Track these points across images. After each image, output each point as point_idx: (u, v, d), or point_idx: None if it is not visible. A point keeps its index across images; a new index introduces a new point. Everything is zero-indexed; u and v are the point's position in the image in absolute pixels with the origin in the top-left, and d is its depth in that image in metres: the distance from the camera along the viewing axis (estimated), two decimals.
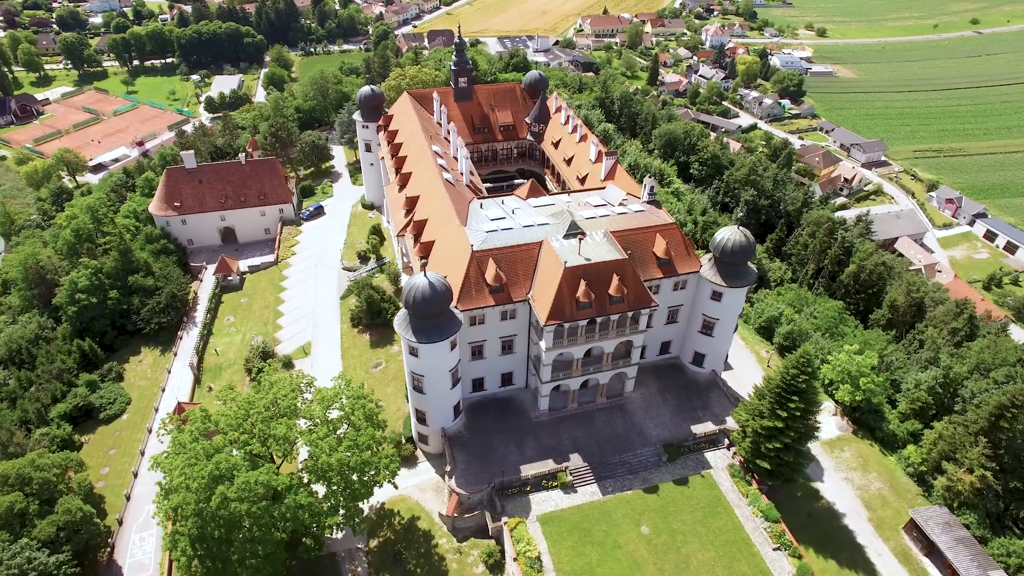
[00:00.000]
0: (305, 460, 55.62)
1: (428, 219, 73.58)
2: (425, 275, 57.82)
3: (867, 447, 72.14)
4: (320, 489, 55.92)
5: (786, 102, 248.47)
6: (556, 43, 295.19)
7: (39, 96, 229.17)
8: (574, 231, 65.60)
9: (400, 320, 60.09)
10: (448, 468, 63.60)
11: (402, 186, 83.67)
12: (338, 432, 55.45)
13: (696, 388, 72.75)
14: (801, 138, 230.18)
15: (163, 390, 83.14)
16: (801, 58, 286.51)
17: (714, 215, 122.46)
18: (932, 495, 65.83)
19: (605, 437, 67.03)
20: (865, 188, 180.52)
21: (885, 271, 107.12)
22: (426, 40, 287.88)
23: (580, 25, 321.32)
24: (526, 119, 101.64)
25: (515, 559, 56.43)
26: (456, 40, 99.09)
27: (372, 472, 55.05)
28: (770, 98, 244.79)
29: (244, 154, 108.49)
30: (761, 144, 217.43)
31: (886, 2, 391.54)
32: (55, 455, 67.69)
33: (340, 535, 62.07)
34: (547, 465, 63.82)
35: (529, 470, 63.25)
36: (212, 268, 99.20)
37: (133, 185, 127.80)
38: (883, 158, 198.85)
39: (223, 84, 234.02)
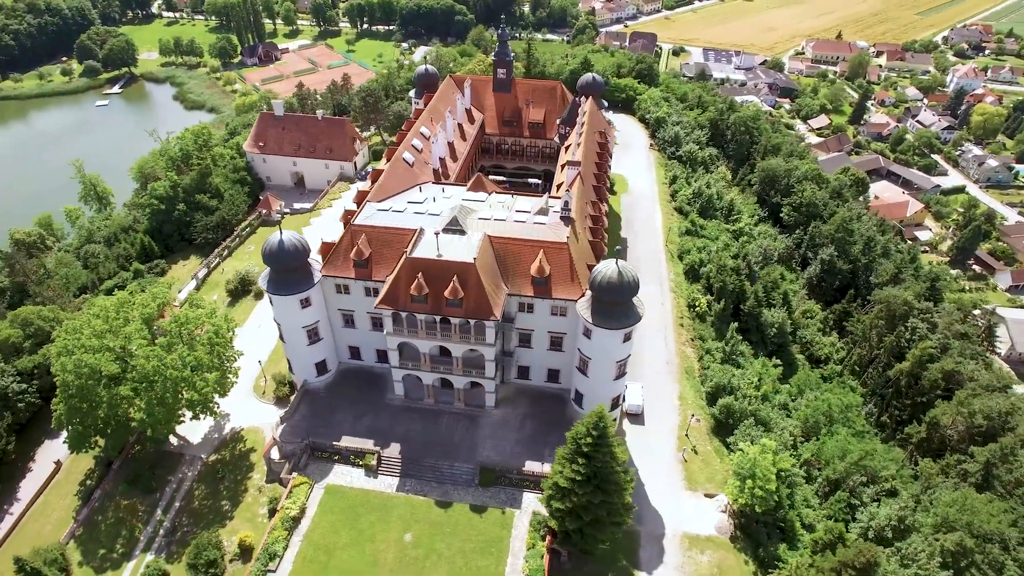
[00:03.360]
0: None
1: (368, 192, 77.25)
2: (280, 233, 62.17)
3: (737, 562, 60.73)
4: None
5: (1023, 168, 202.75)
6: (763, 63, 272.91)
7: (281, 45, 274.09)
8: (453, 227, 64.60)
9: (263, 274, 65.30)
10: (283, 414, 67.88)
11: (387, 160, 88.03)
12: (172, 347, 62.55)
13: (564, 426, 66.87)
14: (1022, 213, 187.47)
15: (179, 292, 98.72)
16: None
17: (776, 269, 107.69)
18: None
19: (436, 440, 65.75)
20: None
21: (950, 380, 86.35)
22: (627, 40, 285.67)
23: (803, 47, 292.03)
24: (558, 120, 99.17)
25: (276, 511, 59.28)
26: (499, 31, 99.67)
27: (185, 388, 61.30)
28: (999, 160, 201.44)
29: (321, 111, 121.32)
30: (957, 211, 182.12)
31: None
32: (60, 311, 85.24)
33: (198, 440, 70.59)
34: (364, 444, 64.86)
35: (346, 442, 64.96)
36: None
37: None
38: None
39: (424, 54, 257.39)
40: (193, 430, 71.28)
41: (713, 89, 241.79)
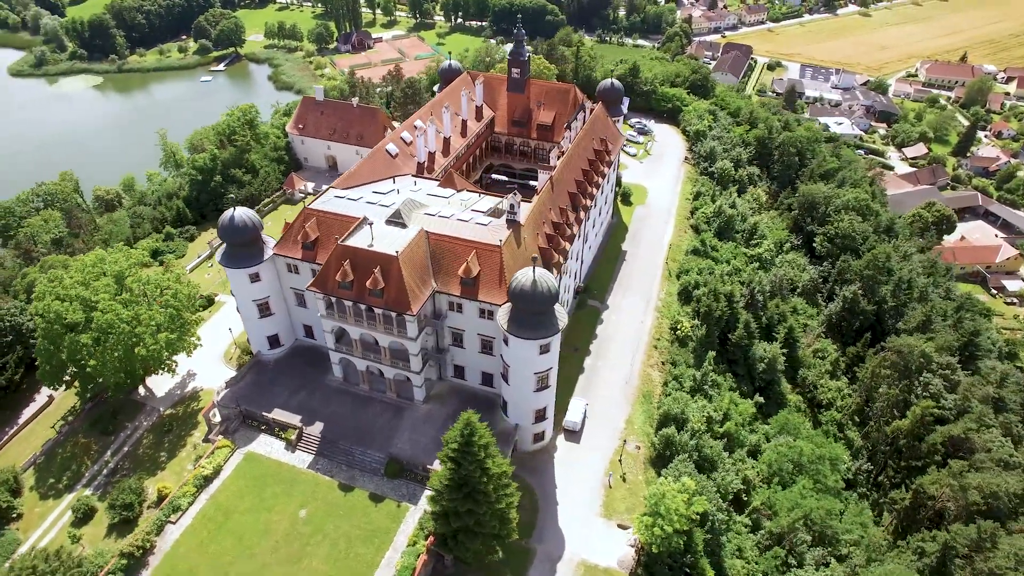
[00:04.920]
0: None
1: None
2: (233, 209, 65.68)
3: None
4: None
5: None
6: (864, 83, 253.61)
7: (375, 35, 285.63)
8: (396, 219, 65.56)
9: (220, 248, 69.15)
10: (229, 380, 71.63)
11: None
12: (130, 305, 67.61)
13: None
14: None
15: (198, 255, 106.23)
16: None
17: (793, 301, 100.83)
18: None
19: (359, 425, 67.07)
20: None
21: (960, 448, 77.91)
22: (720, 51, 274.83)
23: (916, 69, 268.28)
24: (566, 124, 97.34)
25: (194, 467, 62.93)
26: (515, 32, 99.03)
27: (138, 344, 66.03)
28: None
29: (356, 99, 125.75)
30: None
31: None
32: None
33: (161, 394, 76.05)
34: (291, 419, 67.28)
35: (275, 414, 67.68)
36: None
37: None
38: None
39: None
40: (160, 384, 76.70)
41: (802, 108, 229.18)
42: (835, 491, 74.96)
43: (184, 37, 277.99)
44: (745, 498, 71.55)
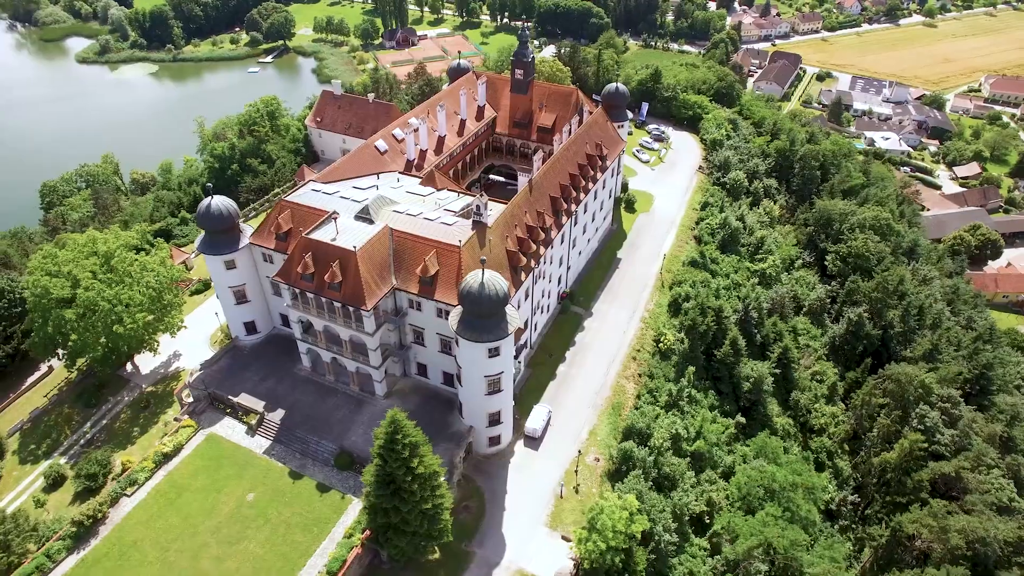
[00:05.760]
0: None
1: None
2: (211, 198, 67.66)
3: None
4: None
5: None
6: (919, 97, 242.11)
7: (420, 32, 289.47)
8: (364, 215, 66.26)
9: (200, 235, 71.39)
10: (204, 362, 73.85)
11: None
12: (113, 284, 70.43)
13: (443, 432, 66.49)
14: None
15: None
16: None
17: (795, 320, 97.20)
18: None
19: (318, 415, 68.08)
20: None
21: (951, 487, 74.00)
22: (767, 60, 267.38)
23: (980, 84, 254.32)
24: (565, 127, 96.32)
25: (158, 444, 65.23)
26: (520, 33, 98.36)
27: (116, 323, 68.84)
28: None
29: (372, 95, 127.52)
30: None
31: None
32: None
33: (146, 372, 79.02)
34: (255, 404, 68.86)
35: (241, 399, 69.39)
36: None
37: None
38: None
39: (551, 52, 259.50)
40: (147, 363, 79.65)
41: (849, 121, 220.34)
42: (808, 521, 71.62)
43: (237, 29, 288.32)
44: (708, 520, 69.35)
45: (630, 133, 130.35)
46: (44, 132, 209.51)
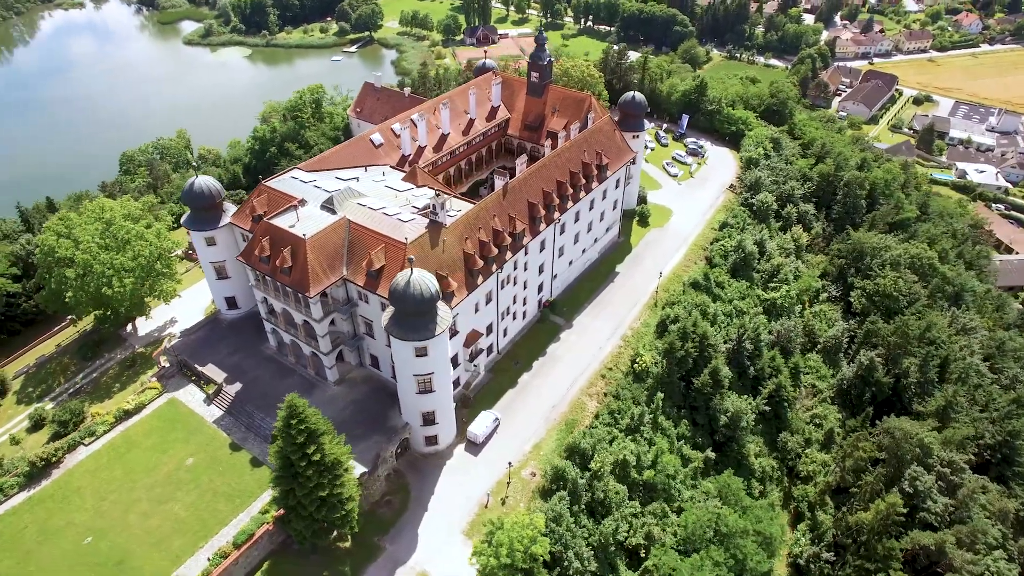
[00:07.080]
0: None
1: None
2: (196, 177, 71.63)
3: None
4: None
5: None
6: None
7: (502, 31, 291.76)
8: (328, 205, 68.02)
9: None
10: (184, 330, 78.33)
11: None
12: (108, 249, 75.92)
13: (380, 424, 67.33)
14: None
15: None
16: None
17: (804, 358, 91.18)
18: None
19: (272, 393, 70.24)
20: None
21: (935, 563, 67.70)
22: (859, 78, 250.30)
23: None
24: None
25: (127, 402, 69.96)
26: (537, 36, 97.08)
27: (105, 285, 74.23)
28: None
29: (408, 88, 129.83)
30: None
31: None
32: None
33: (143, 333, 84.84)
34: (217, 375, 72.35)
35: (207, 369, 73.11)
36: None
37: None
38: None
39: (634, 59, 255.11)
40: (146, 326, 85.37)
41: (942, 149, 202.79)
42: (757, 573, 67.04)
43: (328, 19, 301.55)
44: (642, 555, 66.34)
45: (665, 145, 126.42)
46: (145, 106, 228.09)
